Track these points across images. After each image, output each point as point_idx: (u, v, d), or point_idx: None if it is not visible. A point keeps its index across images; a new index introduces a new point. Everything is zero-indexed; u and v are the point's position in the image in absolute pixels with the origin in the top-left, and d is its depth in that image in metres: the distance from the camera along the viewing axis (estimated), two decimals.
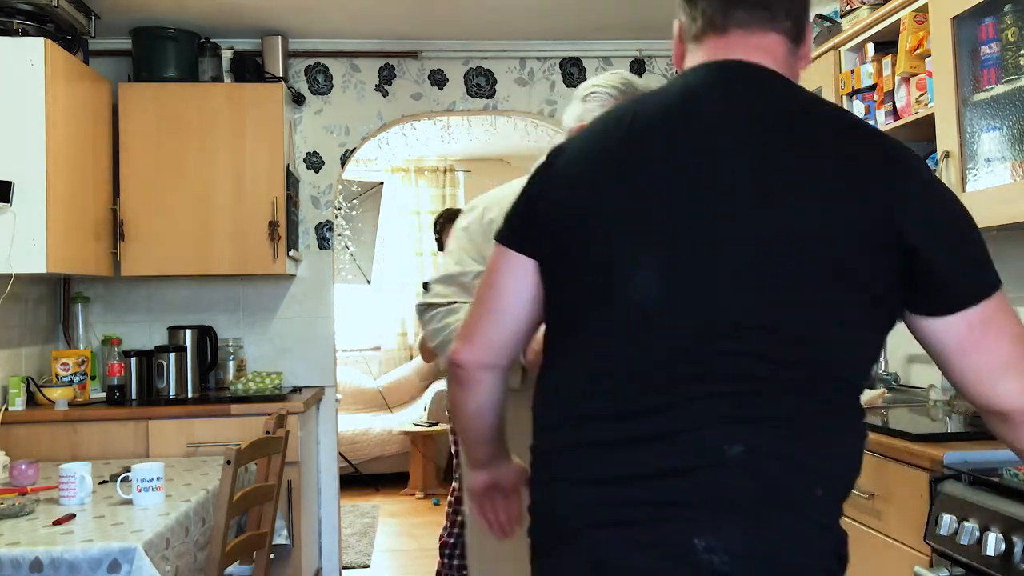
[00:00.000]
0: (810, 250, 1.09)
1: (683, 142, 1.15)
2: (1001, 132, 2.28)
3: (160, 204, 3.75)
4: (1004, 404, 1.14)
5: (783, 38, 1.24)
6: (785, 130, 1.15)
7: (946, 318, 1.13)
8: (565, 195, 1.22)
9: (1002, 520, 1.75)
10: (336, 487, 4.24)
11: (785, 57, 1.24)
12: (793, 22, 1.24)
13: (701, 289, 1.11)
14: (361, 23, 3.97)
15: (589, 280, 1.18)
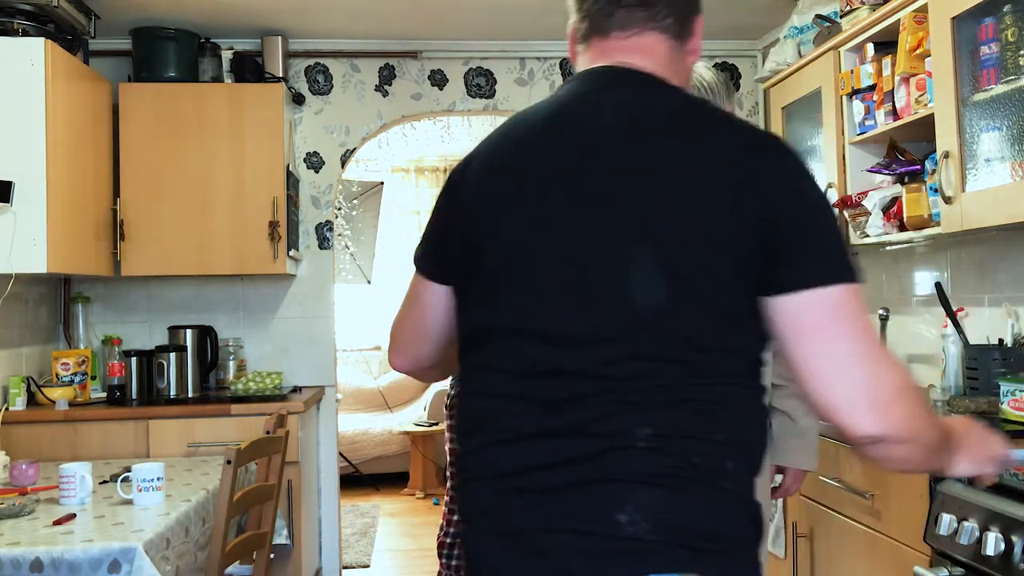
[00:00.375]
0: (679, 244, 1.12)
1: (554, 158, 1.20)
2: (1001, 132, 2.28)
3: (160, 204, 3.75)
4: (834, 414, 1.11)
5: (664, 36, 1.26)
6: (650, 134, 1.18)
7: (785, 297, 1.11)
8: (467, 208, 1.27)
9: (1002, 520, 1.75)
10: (336, 487, 4.24)
11: (667, 55, 1.27)
12: (675, 19, 1.26)
13: (586, 292, 1.15)
14: (361, 23, 3.97)
15: (485, 292, 1.24)
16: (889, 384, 1.12)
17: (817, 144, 3.33)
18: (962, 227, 2.39)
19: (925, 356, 3.18)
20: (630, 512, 1.09)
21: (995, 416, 2.41)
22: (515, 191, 1.22)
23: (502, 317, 1.22)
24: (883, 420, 1.10)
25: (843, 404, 1.10)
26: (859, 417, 1.10)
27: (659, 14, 1.25)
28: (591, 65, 1.28)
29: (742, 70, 4.40)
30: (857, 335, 1.11)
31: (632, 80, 1.24)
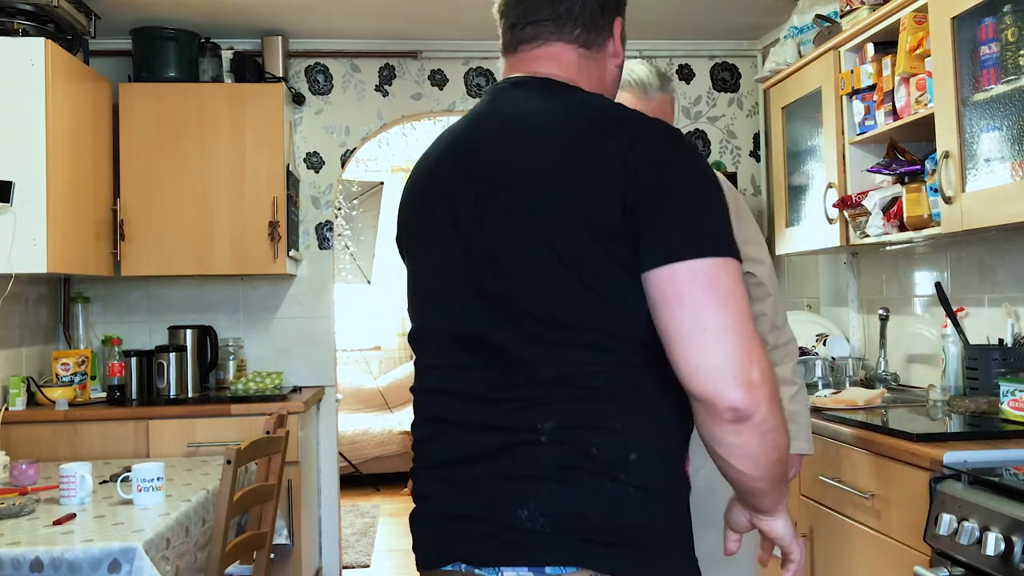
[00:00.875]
0: (554, 237, 1.17)
1: (459, 164, 1.30)
2: (1001, 132, 2.28)
3: (160, 204, 3.75)
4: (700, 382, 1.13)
5: (572, 45, 1.33)
6: (535, 137, 1.24)
7: (656, 270, 1.14)
8: (400, 214, 1.41)
9: (1002, 520, 1.75)
10: (336, 487, 4.24)
11: (577, 62, 1.34)
12: (583, 29, 1.33)
13: (481, 296, 1.24)
14: (361, 23, 3.97)
15: (416, 296, 1.38)
16: (759, 362, 1.13)
17: (817, 144, 3.33)
18: (962, 227, 2.39)
19: (925, 356, 3.18)
20: (531, 508, 1.16)
21: (995, 416, 2.41)
22: (421, 205, 1.35)
23: (428, 321, 1.34)
24: (750, 394, 1.11)
25: (710, 371, 1.11)
26: (726, 386, 1.11)
27: (566, 27, 1.33)
28: (503, 77, 1.38)
29: (742, 70, 4.40)
30: (728, 308, 1.12)
31: (530, 87, 1.31)
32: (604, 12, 1.35)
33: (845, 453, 2.48)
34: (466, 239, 1.25)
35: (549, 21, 1.32)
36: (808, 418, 2.23)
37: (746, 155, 4.43)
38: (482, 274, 1.23)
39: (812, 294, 3.98)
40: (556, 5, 1.32)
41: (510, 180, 1.23)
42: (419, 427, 1.35)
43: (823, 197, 3.19)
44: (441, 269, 1.30)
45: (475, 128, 1.33)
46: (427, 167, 1.37)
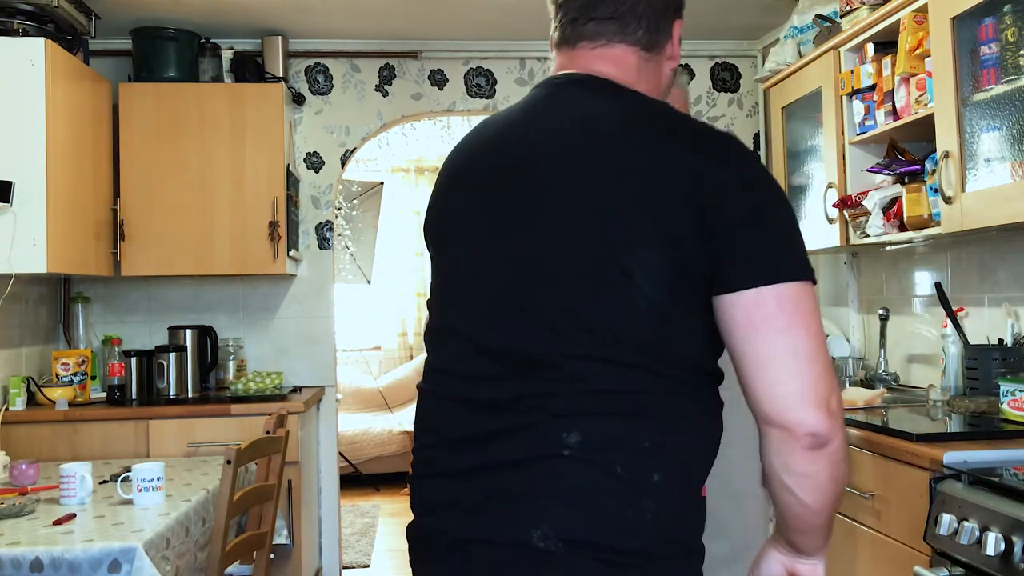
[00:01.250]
0: (623, 250, 1.13)
1: (508, 158, 1.25)
2: (1001, 132, 2.28)
3: (160, 204, 3.75)
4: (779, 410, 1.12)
5: (634, 48, 1.28)
6: (602, 142, 1.19)
7: (733, 295, 1.12)
8: (433, 205, 1.35)
9: (1002, 520, 1.75)
10: (336, 487, 4.24)
11: (637, 65, 1.28)
12: (646, 30, 1.28)
13: (517, 302, 1.18)
14: (361, 23, 3.97)
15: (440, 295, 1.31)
16: (836, 390, 1.12)
17: (817, 144, 3.33)
18: (962, 227, 2.39)
19: (925, 356, 3.18)
20: (544, 528, 1.12)
21: (995, 416, 2.41)
22: (465, 200, 1.28)
23: (449, 321, 1.28)
24: (830, 421, 1.11)
25: (794, 397, 1.10)
26: (807, 412, 1.10)
27: (629, 26, 1.27)
28: (557, 72, 1.32)
29: (742, 70, 4.41)
30: (811, 332, 1.11)
31: (589, 86, 1.26)
32: (667, 12, 1.30)
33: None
34: (512, 240, 1.20)
35: (613, 20, 1.27)
36: None
37: None
38: (525, 279, 1.18)
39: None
40: (621, 2, 1.26)
41: (574, 184, 1.17)
42: (425, 433, 1.29)
43: (823, 197, 3.19)
44: (473, 268, 1.25)
45: (530, 123, 1.26)
46: (468, 159, 1.31)
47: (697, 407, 1.19)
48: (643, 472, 1.14)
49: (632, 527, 1.13)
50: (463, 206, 1.28)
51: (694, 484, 1.22)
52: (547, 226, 1.17)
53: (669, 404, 1.16)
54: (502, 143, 1.27)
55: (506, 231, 1.21)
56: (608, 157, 1.17)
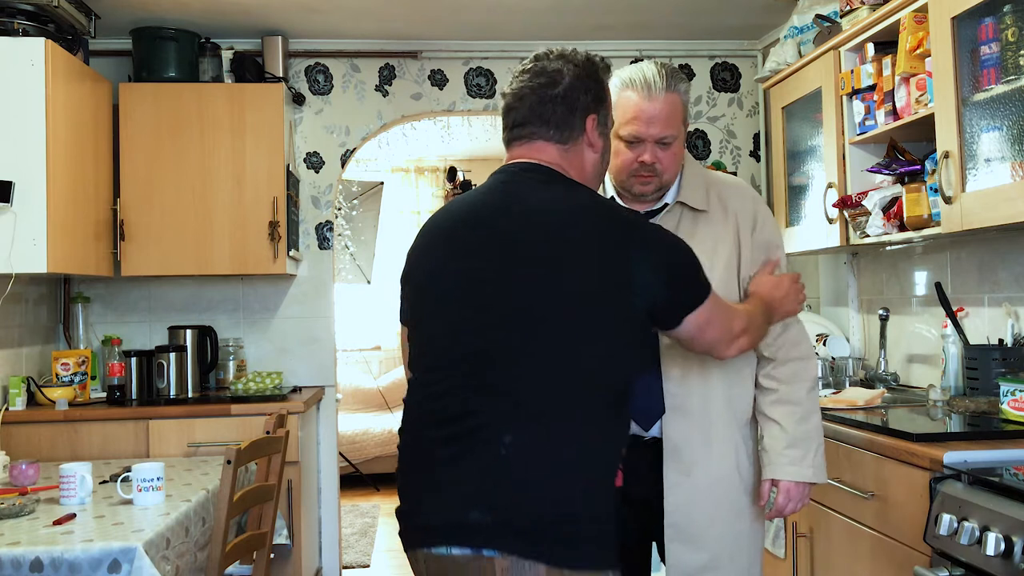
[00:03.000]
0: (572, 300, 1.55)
1: (476, 231, 1.65)
2: (1001, 132, 2.28)
3: (160, 204, 3.75)
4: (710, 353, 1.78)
5: (550, 143, 1.69)
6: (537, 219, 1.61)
7: (672, 331, 1.69)
8: (410, 265, 1.76)
9: (1002, 520, 1.75)
10: (336, 487, 4.24)
11: (557, 153, 1.70)
12: (556, 129, 1.68)
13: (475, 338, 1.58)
14: (361, 23, 3.97)
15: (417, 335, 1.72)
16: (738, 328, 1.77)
17: (817, 144, 3.33)
18: (962, 227, 2.39)
19: (925, 356, 3.18)
20: (482, 509, 1.50)
21: (995, 416, 2.41)
22: (433, 262, 1.69)
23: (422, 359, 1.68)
24: (736, 348, 1.78)
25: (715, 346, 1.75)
26: (724, 349, 1.77)
27: (541, 128, 1.69)
28: (508, 161, 1.73)
29: (742, 70, 4.40)
30: (720, 319, 1.72)
31: (537, 172, 1.67)
32: (574, 113, 1.68)
33: (845, 453, 2.48)
34: (480, 295, 1.58)
35: (530, 124, 1.69)
36: (819, 442, 2.01)
37: (746, 155, 4.43)
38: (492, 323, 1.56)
39: (812, 294, 3.98)
40: (532, 112, 1.68)
41: (534, 253, 1.57)
42: (403, 434, 1.68)
43: (823, 197, 3.19)
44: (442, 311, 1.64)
45: (492, 204, 1.66)
46: (440, 231, 1.70)
47: (602, 415, 1.58)
48: (556, 470, 1.51)
49: (550, 507, 1.50)
50: (436, 270, 1.67)
51: (601, 476, 1.59)
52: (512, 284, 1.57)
53: (579, 422, 1.55)
54: (471, 220, 1.66)
55: (474, 289, 1.60)
56: (562, 233, 1.58)
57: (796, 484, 1.99)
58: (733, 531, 2.01)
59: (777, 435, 1.99)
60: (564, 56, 1.71)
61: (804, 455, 1.98)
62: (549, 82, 1.68)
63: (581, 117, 1.69)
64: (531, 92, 1.69)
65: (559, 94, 1.68)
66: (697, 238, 1.94)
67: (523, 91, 1.70)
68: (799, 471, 1.98)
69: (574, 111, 1.68)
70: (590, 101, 1.70)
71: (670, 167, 1.98)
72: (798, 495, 2.01)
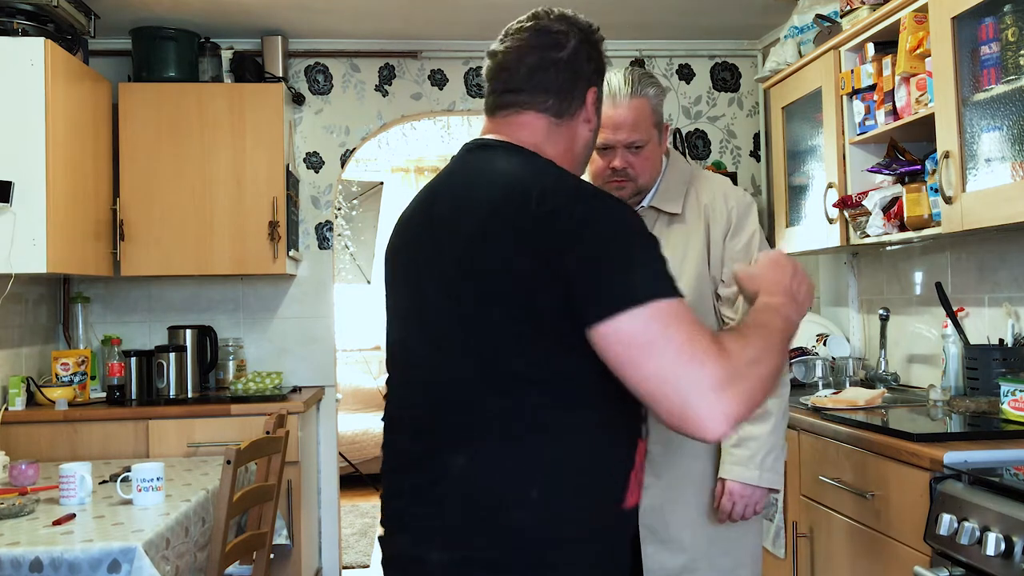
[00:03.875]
0: (486, 291, 1.28)
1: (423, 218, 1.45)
2: (1001, 132, 2.28)
3: (160, 204, 3.75)
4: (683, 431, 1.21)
5: (543, 115, 1.44)
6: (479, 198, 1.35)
7: (591, 330, 1.22)
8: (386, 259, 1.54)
9: (1002, 520, 1.75)
10: (336, 487, 4.23)
11: (547, 129, 1.45)
12: (555, 99, 1.44)
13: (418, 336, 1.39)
14: (361, 23, 3.97)
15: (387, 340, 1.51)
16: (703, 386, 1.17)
17: (817, 144, 3.33)
18: (962, 227, 2.38)
19: (925, 356, 3.18)
20: (440, 545, 1.29)
21: (995, 416, 2.41)
22: (393, 256, 1.50)
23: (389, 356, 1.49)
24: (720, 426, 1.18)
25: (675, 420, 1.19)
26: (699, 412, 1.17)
27: (538, 97, 1.44)
28: (477, 137, 1.49)
29: (742, 70, 4.40)
30: (664, 349, 1.17)
31: (495, 149, 1.43)
32: (577, 83, 1.45)
33: (845, 453, 2.48)
34: (417, 287, 1.40)
35: (524, 91, 1.43)
36: (768, 445, 1.96)
37: (746, 155, 4.43)
38: (424, 318, 1.38)
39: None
40: (531, 77, 1.43)
41: (453, 238, 1.34)
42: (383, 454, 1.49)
43: (823, 197, 3.19)
44: (395, 308, 1.47)
45: (441, 187, 1.46)
46: (402, 220, 1.51)
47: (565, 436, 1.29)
48: (520, 491, 1.27)
49: (509, 539, 1.27)
50: (393, 263, 1.50)
51: (583, 498, 1.30)
52: (435, 276, 1.37)
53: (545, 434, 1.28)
54: (422, 206, 1.47)
55: (413, 281, 1.42)
56: (478, 212, 1.33)
57: (741, 485, 1.95)
58: (708, 533, 2.00)
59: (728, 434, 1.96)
60: (567, 18, 1.47)
61: (752, 456, 1.94)
62: (553, 44, 1.44)
63: (583, 88, 1.46)
64: (531, 52, 1.43)
65: (563, 59, 1.44)
66: (669, 244, 1.93)
67: (522, 49, 1.44)
68: (744, 472, 1.94)
69: (577, 80, 1.45)
70: (592, 72, 1.48)
71: (644, 171, 1.98)
72: (742, 497, 1.96)
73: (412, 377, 1.40)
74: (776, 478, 1.97)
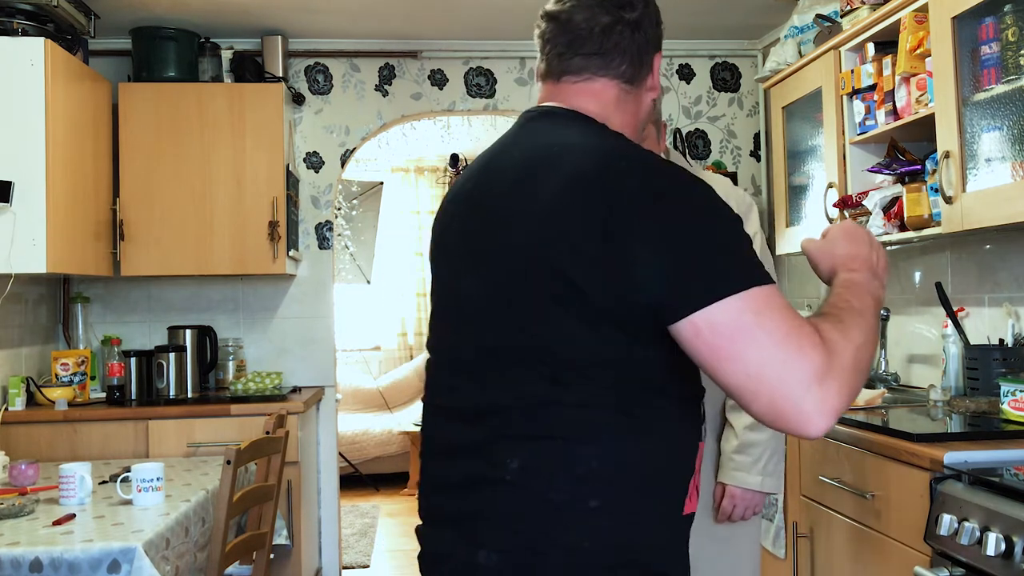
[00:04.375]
0: (548, 274, 1.16)
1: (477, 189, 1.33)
2: (1001, 132, 2.27)
3: (160, 204, 3.75)
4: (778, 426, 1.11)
5: (616, 82, 1.33)
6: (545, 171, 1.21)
7: (675, 326, 1.12)
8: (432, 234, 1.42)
9: (1002, 520, 1.75)
10: (336, 487, 4.23)
11: (616, 97, 1.33)
12: (630, 64, 1.32)
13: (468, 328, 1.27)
14: (361, 23, 3.97)
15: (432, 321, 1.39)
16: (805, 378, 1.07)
17: (817, 144, 3.32)
18: (962, 227, 2.38)
19: (925, 356, 3.17)
20: (487, 549, 1.19)
21: (995, 416, 2.41)
22: (444, 234, 1.37)
23: (433, 339, 1.37)
24: (823, 420, 1.08)
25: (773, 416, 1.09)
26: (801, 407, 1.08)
27: (613, 61, 1.31)
28: (539, 104, 1.36)
29: (742, 70, 4.40)
30: (763, 340, 1.08)
31: (562, 120, 1.30)
32: (648, 47, 1.34)
33: (845, 453, 2.48)
34: (470, 266, 1.28)
35: (597, 55, 1.31)
36: (770, 450, 2.00)
37: (746, 155, 4.42)
38: (477, 302, 1.25)
39: (812, 294, 3.97)
40: (606, 39, 1.30)
41: (516, 216, 1.22)
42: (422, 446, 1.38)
43: (823, 197, 3.19)
44: (444, 291, 1.34)
45: (497, 156, 1.33)
46: (456, 190, 1.39)
47: (635, 421, 1.18)
48: (578, 499, 1.16)
49: (565, 550, 1.16)
50: (440, 247, 1.37)
51: (648, 505, 1.20)
52: (493, 255, 1.24)
53: (601, 423, 1.17)
54: (479, 176, 1.34)
55: (466, 259, 1.29)
56: (546, 192, 1.19)
57: (741, 490, 1.98)
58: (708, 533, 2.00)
59: (730, 440, 2.00)
60: None
61: (754, 462, 1.97)
62: (625, 3, 1.32)
63: (652, 52, 1.35)
64: (604, 12, 1.30)
65: (635, 20, 1.32)
66: None
67: (592, 10, 1.30)
68: (745, 477, 1.97)
69: (647, 45, 1.34)
70: (659, 36, 1.38)
71: None
72: (743, 501, 1.98)
73: (465, 365, 1.27)
74: (776, 482, 2.01)
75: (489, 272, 1.24)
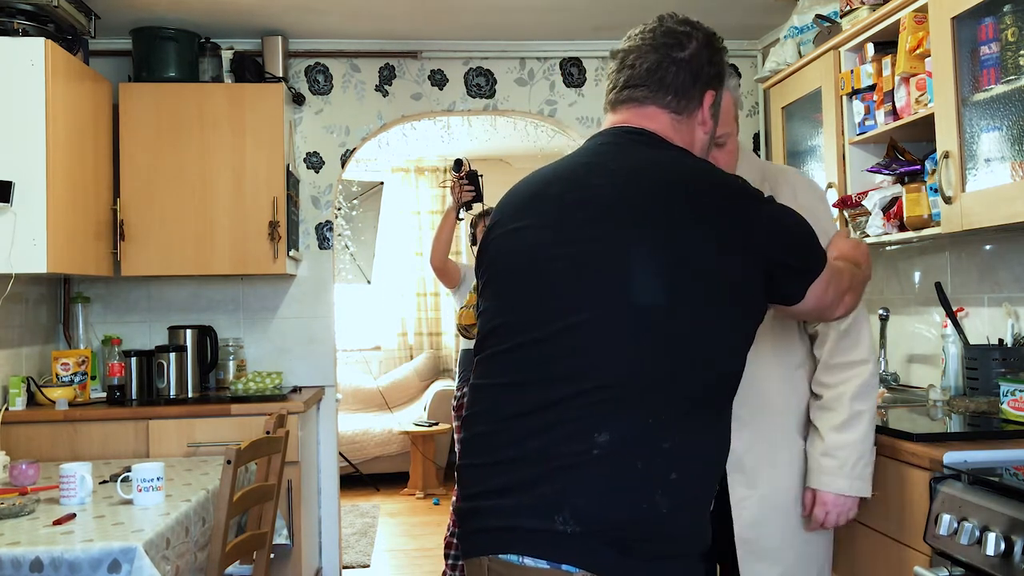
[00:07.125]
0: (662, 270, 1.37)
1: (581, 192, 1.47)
2: (1001, 132, 2.28)
3: (160, 204, 3.75)
4: None
5: (665, 110, 1.55)
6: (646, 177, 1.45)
7: (792, 308, 1.56)
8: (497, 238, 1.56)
9: (1002, 520, 1.75)
10: (336, 487, 4.24)
11: (669, 123, 1.55)
12: (675, 96, 1.54)
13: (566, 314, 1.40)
14: (361, 23, 3.97)
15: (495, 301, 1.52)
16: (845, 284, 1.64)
17: (817, 144, 3.32)
18: (962, 227, 2.38)
19: (925, 356, 3.18)
20: (566, 517, 1.32)
21: (995, 416, 2.41)
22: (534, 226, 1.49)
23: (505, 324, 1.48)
24: (844, 307, 1.67)
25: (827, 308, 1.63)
26: (834, 309, 1.65)
27: (658, 92, 1.54)
28: (612, 126, 1.58)
29: (742, 70, 4.40)
30: (835, 281, 1.59)
31: (635, 137, 1.52)
32: (696, 83, 1.55)
33: None
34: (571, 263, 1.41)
35: (645, 87, 1.54)
36: (859, 453, 1.96)
37: None
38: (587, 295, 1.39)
39: None
40: (652, 74, 1.54)
41: (627, 219, 1.40)
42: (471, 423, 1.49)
43: None
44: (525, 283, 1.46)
45: (590, 164, 1.50)
46: (527, 196, 1.54)
47: (712, 417, 1.44)
48: (661, 472, 1.34)
49: (646, 519, 1.33)
50: (520, 234, 1.49)
51: (708, 484, 1.43)
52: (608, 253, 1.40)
53: (693, 415, 1.39)
54: (566, 179, 1.50)
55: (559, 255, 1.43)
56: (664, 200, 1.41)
57: (833, 495, 1.95)
58: (803, 541, 1.99)
59: (816, 443, 1.97)
60: (691, 23, 1.61)
61: (841, 465, 1.94)
62: (676, 44, 1.55)
63: (701, 89, 1.56)
64: (654, 51, 1.54)
65: (685, 59, 1.55)
66: None
67: (644, 48, 1.55)
68: (832, 481, 1.94)
69: (696, 81, 1.55)
70: (712, 75, 1.58)
71: (726, 165, 1.95)
72: (835, 507, 1.96)
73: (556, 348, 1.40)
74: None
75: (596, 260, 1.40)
